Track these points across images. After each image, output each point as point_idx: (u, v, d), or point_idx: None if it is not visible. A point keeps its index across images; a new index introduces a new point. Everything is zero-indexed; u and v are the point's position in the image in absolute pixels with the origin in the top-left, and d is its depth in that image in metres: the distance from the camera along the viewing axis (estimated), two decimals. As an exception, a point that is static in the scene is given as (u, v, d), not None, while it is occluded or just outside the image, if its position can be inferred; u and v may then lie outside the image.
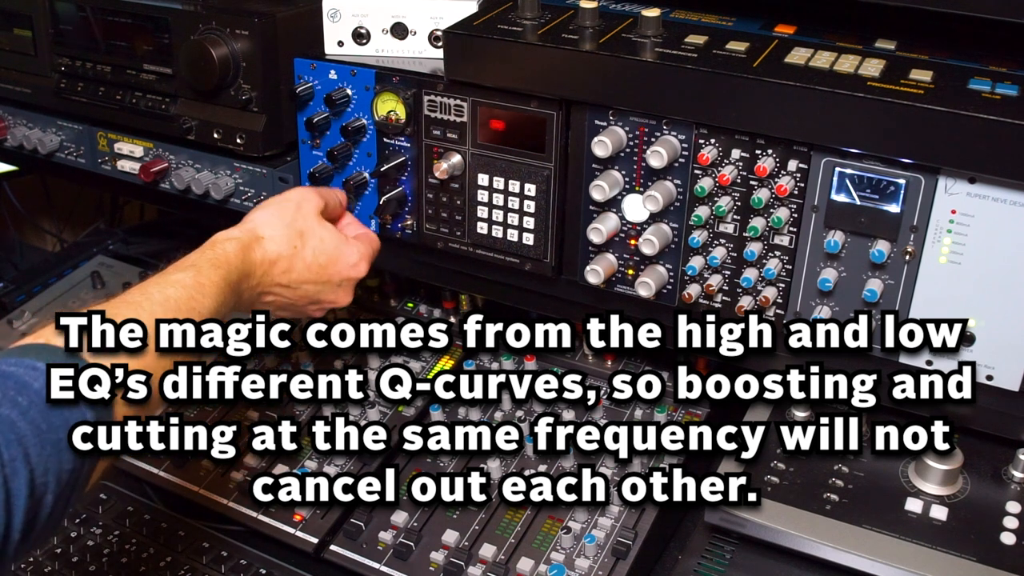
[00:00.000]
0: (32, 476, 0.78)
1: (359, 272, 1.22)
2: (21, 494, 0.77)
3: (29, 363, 0.83)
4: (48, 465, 0.80)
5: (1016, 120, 0.92)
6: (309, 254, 1.16)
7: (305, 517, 1.32)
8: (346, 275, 1.20)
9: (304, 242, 1.16)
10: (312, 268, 1.17)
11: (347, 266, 1.20)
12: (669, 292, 1.18)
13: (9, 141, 1.59)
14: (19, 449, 0.78)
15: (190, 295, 0.99)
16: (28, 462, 0.78)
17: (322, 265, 1.17)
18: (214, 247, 1.08)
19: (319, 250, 1.17)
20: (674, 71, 1.06)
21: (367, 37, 1.29)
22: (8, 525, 0.77)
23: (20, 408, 0.79)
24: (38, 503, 0.80)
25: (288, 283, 1.15)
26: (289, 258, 1.14)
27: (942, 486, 1.18)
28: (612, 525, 1.25)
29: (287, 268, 1.14)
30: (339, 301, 1.23)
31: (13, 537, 0.78)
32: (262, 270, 1.12)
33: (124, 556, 1.33)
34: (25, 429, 0.79)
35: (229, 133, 1.35)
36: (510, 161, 1.20)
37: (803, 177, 1.06)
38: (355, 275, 1.21)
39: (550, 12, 1.19)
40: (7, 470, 0.77)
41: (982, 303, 1.03)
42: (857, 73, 1.02)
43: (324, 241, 1.18)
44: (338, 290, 1.21)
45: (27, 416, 0.79)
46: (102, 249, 1.95)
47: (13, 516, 0.77)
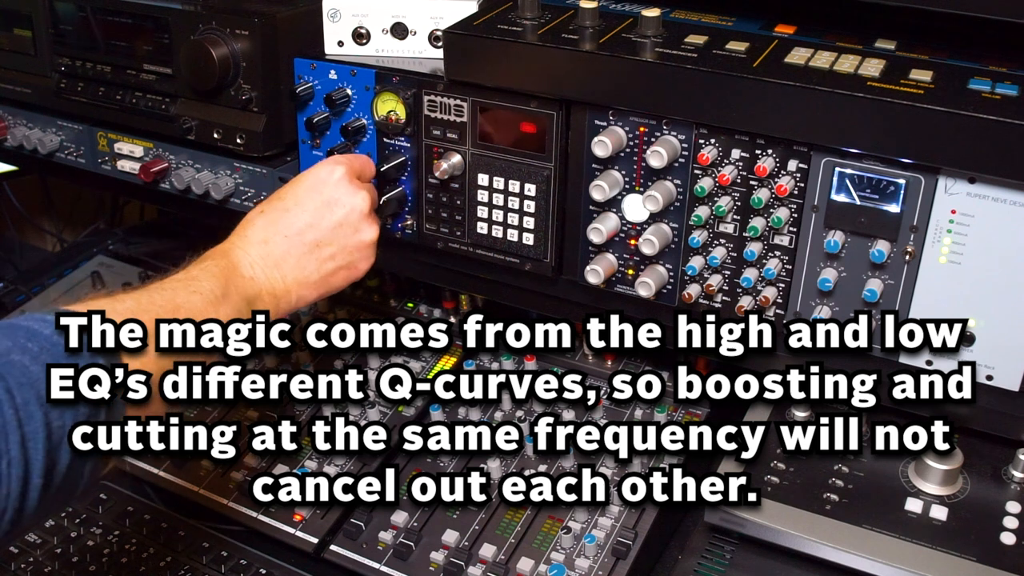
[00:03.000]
0: (48, 419, 0.78)
1: (337, 172, 1.14)
2: (38, 436, 0.77)
3: (38, 316, 0.84)
4: (64, 409, 0.80)
5: (1016, 120, 0.92)
6: (288, 194, 1.12)
7: (305, 517, 1.32)
8: (341, 189, 1.13)
9: (281, 194, 1.13)
10: (300, 199, 1.11)
11: (332, 182, 1.13)
12: (669, 292, 1.18)
13: (9, 141, 1.59)
14: (32, 392, 0.78)
15: (185, 284, 1.00)
16: (42, 405, 0.78)
17: (309, 186, 1.12)
18: (201, 259, 1.08)
19: (297, 181, 1.13)
20: (674, 71, 1.06)
21: (367, 37, 1.29)
22: (26, 469, 0.77)
23: (31, 354, 0.80)
24: (56, 447, 0.79)
25: (288, 232, 1.10)
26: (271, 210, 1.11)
27: (942, 486, 1.18)
28: (612, 525, 1.25)
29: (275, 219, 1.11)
30: (363, 235, 1.14)
31: (34, 481, 0.77)
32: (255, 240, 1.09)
33: (124, 556, 1.33)
34: (38, 372, 0.79)
35: (229, 133, 1.35)
36: (510, 161, 1.20)
37: (803, 177, 1.06)
38: (336, 176, 1.14)
39: (550, 12, 1.19)
40: (21, 413, 0.77)
41: (982, 303, 1.03)
42: (857, 73, 1.02)
43: (300, 179, 1.14)
44: (339, 204, 1.13)
45: (39, 360, 0.80)
46: (102, 249, 1.94)
47: (31, 460, 0.77)
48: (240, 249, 1.09)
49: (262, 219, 1.12)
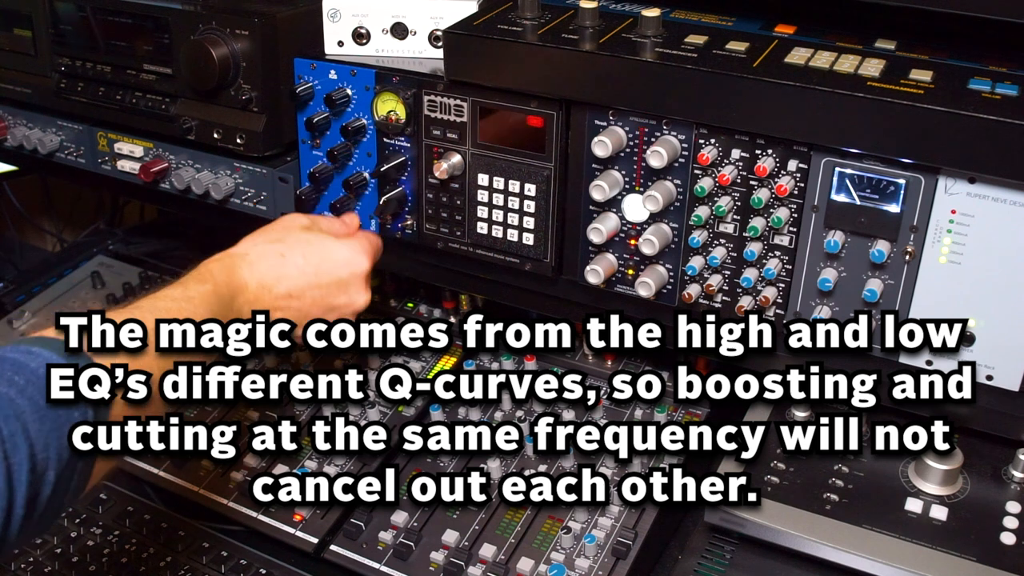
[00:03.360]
0: (32, 450, 0.79)
1: (360, 266, 1.20)
2: (23, 468, 0.78)
3: (25, 348, 0.84)
4: (49, 440, 0.80)
5: (1016, 120, 0.92)
6: (299, 259, 1.15)
7: (305, 517, 1.32)
8: (348, 271, 1.19)
9: (290, 248, 1.15)
10: (307, 272, 1.15)
11: (343, 262, 1.18)
12: (669, 292, 1.18)
13: (9, 141, 1.59)
14: (18, 424, 0.78)
15: (180, 305, 1.00)
16: (28, 437, 0.79)
17: (316, 265, 1.16)
18: (198, 269, 1.09)
19: (308, 253, 1.16)
20: (674, 71, 1.06)
21: (367, 37, 1.29)
22: (10, 500, 0.77)
23: (17, 386, 0.80)
24: (40, 478, 0.80)
25: (289, 293, 1.14)
26: (278, 267, 1.13)
27: (942, 486, 1.18)
28: (612, 525, 1.25)
29: (280, 276, 1.13)
30: (355, 302, 1.21)
31: (16, 512, 0.78)
32: (255, 284, 1.11)
33: (124, 556, 1.33)
34: (24, 405, 0.79)
35: (229, 133, 1.35)
36: (510, 161, 1.20)
37: (803, 177, 1.06)
38: (358, 270, 1.19)
39: (550, 12, 1.19)
40: (7, 445, 0.77)
41: (982, 303, 1.03)
42: (857, 73, 1.02)
43: (311, 244, 1.17)
44: (349, 289, 1.19)
45: (25, 393, 0.80)
46: (102, 249, 1.95)
47: (15, 491, 0.78)
48: (242, 282, 1.10)
49: (277, 263, 1.14)
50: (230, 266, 1.10)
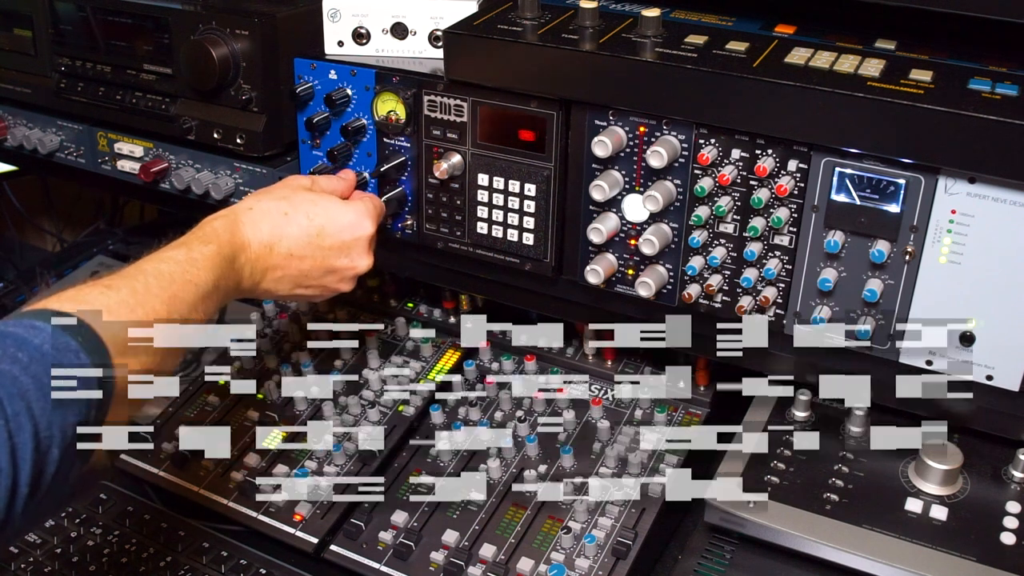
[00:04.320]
0: (36, 429, 0.79)
1: (365, 230, 1.18)
2: (27, 447, 0.78)
3: (28, 323, 0.83)
4: (52, 418, 0.80)
5: (1016, 120, 0.92)
6: (303, 219, 1.14)
7: (305, 517, 1.32)
8: (351, 235, 1.17)
9: (294, 208, 1.14)
10: (310, 232, 1.14)
11: (348, 224, 1.17)
12: (669, 292, 1.18)
13: (9, 141, 1.59)
14: (22, 403, 0.78)
15: (184, 268, 0.99)
16: (32, 415, 0.78)
17: (320, 227, 1.15)
18: (202, 227, 1.08)
19: (312, 213, 1.15)
20: (674, 71, 1.06)
21: (367, 37, 1.29)
22: (15, 479, 0.77)
23: (21, 364, 0.80)
24: (44, 456, 0.80)
25: (290, 252, 1.13)
26: (282, 226, 1.12)
27: (942, 486, 1.18)
28: (612, 525, 1.25)
29: (282, 236, 1.12)
30: (357, 265, 1.19)
31: (21, 491, 0.78)
32: (257, 243, 1.10)
33: (124, 556, 1.32)
34: (27, 383, 0.79)
35: (229, 133, 1.35)
36: (510, 161, 1.20)
37: (803, 177, 1.06)
38: (362, 233, 1.18)
39: (550, 12, 1.19)
40: (11, 424, 0.77)
41: (982, 303, 1.03)
42: (857, 73, 1.02)
43: (316, 204, 1.16)
44: (351, 252, 1.18)
45: (29, 371, 0.80)
46: (102, 249, 1.95)
47: (20, 470, 0.77)
48: (244, 240, 1.10)
49: (280, 221, 1.13)
50: (233, 222, 1.10)
